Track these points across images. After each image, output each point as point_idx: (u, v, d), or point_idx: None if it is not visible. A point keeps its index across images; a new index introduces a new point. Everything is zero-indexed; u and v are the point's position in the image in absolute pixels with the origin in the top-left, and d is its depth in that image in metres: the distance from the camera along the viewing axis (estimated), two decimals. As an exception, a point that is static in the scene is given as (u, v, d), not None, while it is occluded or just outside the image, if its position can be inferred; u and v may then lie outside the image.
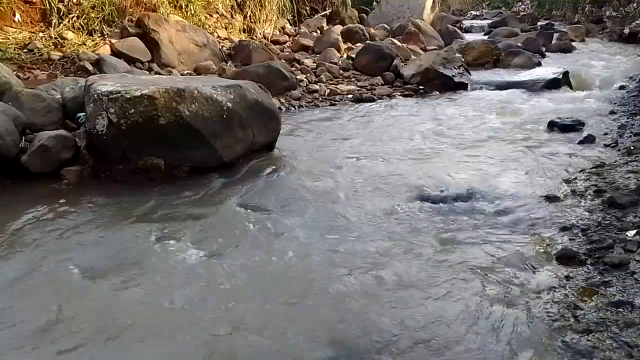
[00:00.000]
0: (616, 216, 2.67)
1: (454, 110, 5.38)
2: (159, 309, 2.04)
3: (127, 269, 2.33)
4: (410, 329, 1.90)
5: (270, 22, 8.61)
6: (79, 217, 2.83)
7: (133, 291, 2.16)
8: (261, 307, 2.06)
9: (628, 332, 1.80)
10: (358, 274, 2.27)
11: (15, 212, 2.85)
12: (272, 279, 2.26)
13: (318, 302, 2.08)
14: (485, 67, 7.52)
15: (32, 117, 3.58)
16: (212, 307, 2.06)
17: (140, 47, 6.02)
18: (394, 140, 4.29)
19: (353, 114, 5.29)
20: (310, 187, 3.28)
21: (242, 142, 3.67)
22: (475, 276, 2.23)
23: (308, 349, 1.81)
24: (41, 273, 2.29)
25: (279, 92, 5.63)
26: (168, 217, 2.86)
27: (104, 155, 3.36)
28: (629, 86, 6.07)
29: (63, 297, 2.11)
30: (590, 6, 13.85)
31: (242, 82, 3.89)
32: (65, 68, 5.38)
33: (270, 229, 2.71)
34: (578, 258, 2.31)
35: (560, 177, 3.33)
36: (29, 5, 5.74)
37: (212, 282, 2.22)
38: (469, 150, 4.00)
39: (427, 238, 2.59)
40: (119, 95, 3.19)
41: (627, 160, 3.50)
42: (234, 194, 3.18)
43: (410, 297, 2.10)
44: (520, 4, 18.14)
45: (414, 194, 3.13)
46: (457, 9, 19.38)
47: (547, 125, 4.52)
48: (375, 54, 7.00)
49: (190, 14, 7.26)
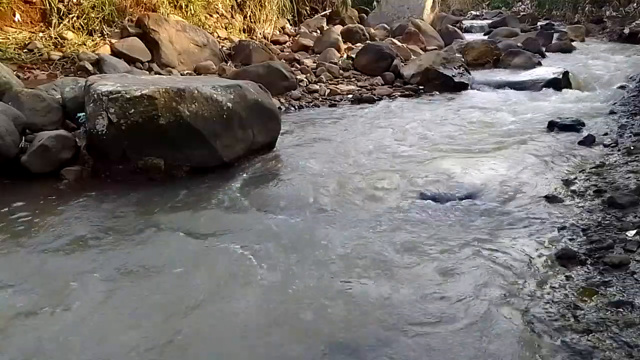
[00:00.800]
0: (616, 216, 2.67)
1: (454, 110, 5.38)
2: (159, 309, 2.04)
3: (127, 269, 2.33)
4: (410, 328, 1.90)
5: (270, 22, 8.61)
6: (79, 217, 2.83)
7: (131, 291, 2.16)
8: (261, 306, 2.06)
9: (628, 332, 1.80)
10: (358, 272, 2.27)
11: (15, 212, 2.85)
12: (272, 278, 2.25)
13: (318, 302, 2.08)
14: (485, 67, 7.53)
15: (32, 117, 3.58)
16: (212, 306, 2.05)
17: (140, 47, 6.02)
18: (393, 141, 4.28)
19: (353, 114, 5.29)
20: (311, 187, 3.27)
21: (242, 142, 3.67)
22: (475, 276, 2.23)
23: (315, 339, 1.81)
24: (41, 273, 2.29)
25: (279, 92, 5.63)
26: (168, 217, 2.86)
27: (104, 155, 3.36)
28: (629, 86, 6.07)
29: (62, 297, 2.11)
30: (590, 6, 13.86)
31: (242, 82, 3.89)
32: (65, 68, 5.38)
33: (271, 229, 2.71)
34: (578, 258, 2.31)
35: (560, 177, 3.33)
36: (29, 5, 5.74)
37: (212, 282, 2.22)
38: (468, 150, 4.00)
39: (426, 237, 2.59)
40: (119, 95, 3.19)
41: (627, 160, 3.50)
42: (234, 194, 3.17)
43: (410, 296, 2.10)
44: (520, 4, 18.15)
45: (413, 193, 3.13)
46: (457, 9, 19.39)
47: (547, 125, 4.52)
48: (375, 54, 7.00)
49: (190, 14, 7.27)
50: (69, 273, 2.28)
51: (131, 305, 2.06)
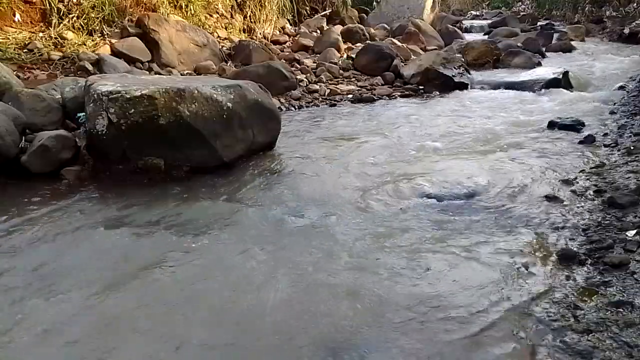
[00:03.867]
0: (616, 216, 2.67)
1: (454, 110, 5.38)
2: (157, 310, 2.04)
3: (127, 269, 2.33)
4: (409, 328, 1.90)
5: (270, 22, 8.62)
6: (79, 217, 2.83)
7: (131, 293, 2.16)
8: (260, 308, 2.06)
9: (628, 332, 1.80)
10: (358, 271, 2.27)
11: (15, 212, 2.85)
12: (272, 278, 2.25)
13: (321, 301, 2.08)
14: (485, 67, 7.54)
15: (32, 117, 3.58)
16: (211, 305, 2.06)
17: (140, 47, 6.03)
18: (394, 140, 4.29)
19: (353, 114, 5.29)
20: (311, 187, 3.28)
21: (242, 142, 3.68)
22: (475, 276, 2.23)
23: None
24: (41, 273, 2.29)
25: (279, 92, 5.64)
26: (168, 217, 2.86)
27: (104, 155, 3.36)
28: (629, 86, 6.07)
29: (62, 297, 2.11)
30: (590, 6, 13.87)
31: (242, 82, 3.89)
32: (65, 68, 5.39)
33: (271, 229, 2.71)
34: (578, 258, 2.31)
35: (560, 177, 3.33)
36: (29, 5, 5.75)
37: (211, 282, 2.22)
38: (468, 150, 4.00)
39: (426, 237, 2.59)
40: (119, 95, 3.19)
41: (627, 160, 3.50)
42: (234, 194, 3.18)
43: (408, 295, 2.10)
44: (520, 4, 18.17)
45: (414, 193, 3.12)
46: (457, 9, 19.41)
47: (547, 125, 4.52)
48: (375, 54, 7.00)
49: (190, 14, 7.27)
50: (69, 273, 2.28)
51: (131, 305, 2.06)
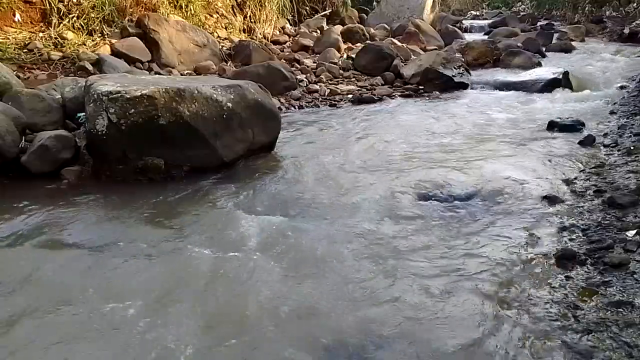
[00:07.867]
0: (616, 216, 2.67)
1: (453, 110, 5.39)
2: (158, 309, 2.04)
3: (127, 269, 2.33)
4: (408, 328, 1.90)
5: (270, 22, 8.62)
6: (79, 217, 2.83)
7: (130, 293, 2.16)
8: (261, 307, 2.06)
9: (628, 332, 1.80)
10: (358, 270, 2.27)
11: (15, 212, 2.85)
12: (272, 278, 2.25)
13: (320, 300, 2.08)
14: (485, 67, 7.54)
15: (32, 117, 3.58)
16: (211, 306, 2.06)
17: (140, 47, 6.03)
18: (393, 140, 4.28)
19: (353, 114, 5.29)
20: (311, 187, 3.28)
21: (242, 142, 3.67)
22: (475, 276, 2.23)
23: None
24: (40, 273, 2.29)
25: (279, 92, 5.64)
26: (168, 217, 2.86)
27: (104, 155, 3.36)
28: (629, 86, 6.07)
29: (61, 297, 2.11)
30: (590, 6, 13.87)
31: (242, 82, 3.89)
32: (65, 68, 5.39)
33: (270, 229, 2.71)
34: (578, 258, 2.31)
35: (560, 177, 3.33)
36: (29, 5, 5.75)
37: (211, 282, 2.22)
38: (468, 150, 4.00)
39: (426, 237, 2.59)
40: (119, 95, 3.19)
41: (627, 160, 3.50)
42: (234, 194, 3.17)
43: (408, 294, 2.10)
44: (520, 4, 18.16)
45: (414, 193, 3.12)
46: (457, 9, 19.38)
47: (547, 126, 4.52)
48: (375, 54, 7.00)
49: (190, 14, 7.27)
50: (69, 273, 2.28)
51: (129, 305, 2.06)
